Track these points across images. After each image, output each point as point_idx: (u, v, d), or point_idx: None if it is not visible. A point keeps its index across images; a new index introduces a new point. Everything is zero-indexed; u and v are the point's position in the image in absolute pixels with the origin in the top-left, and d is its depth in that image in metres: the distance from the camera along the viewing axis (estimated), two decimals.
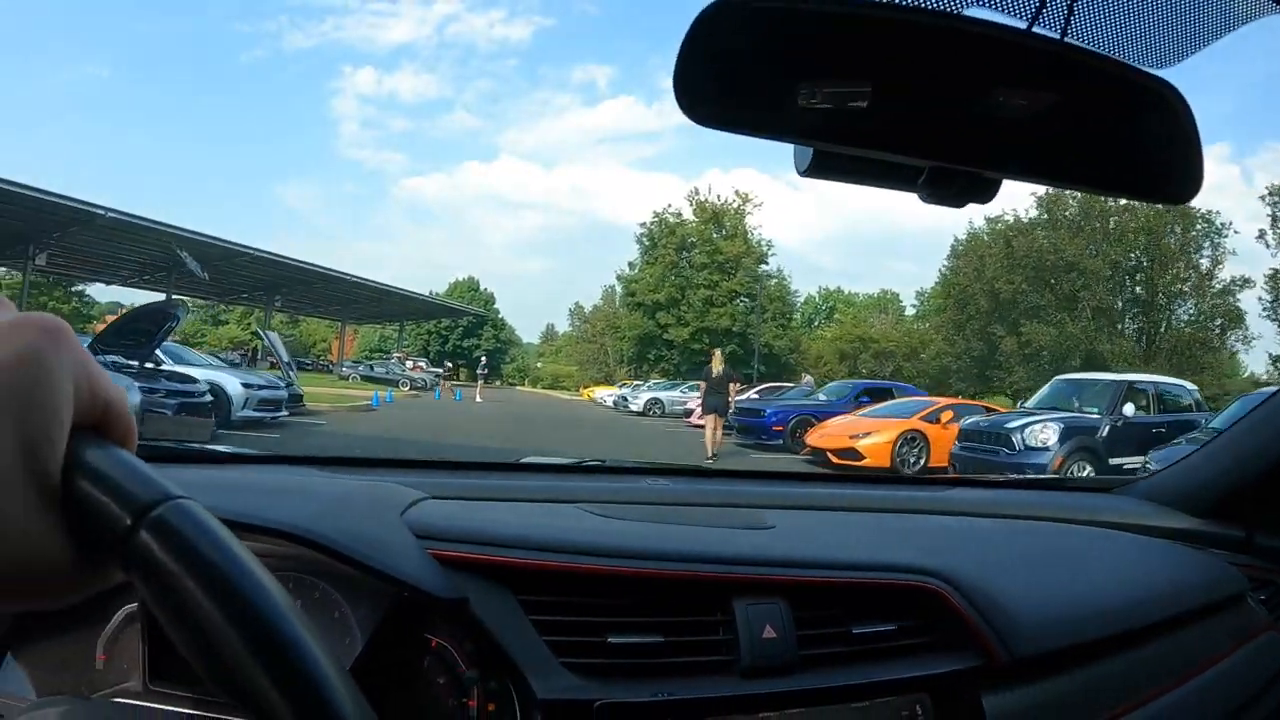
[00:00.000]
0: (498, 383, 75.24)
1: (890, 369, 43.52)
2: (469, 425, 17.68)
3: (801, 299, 61.47)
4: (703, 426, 17.99)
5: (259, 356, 45.02)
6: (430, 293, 62.33)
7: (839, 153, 0.75)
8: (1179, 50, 0.73)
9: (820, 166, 0.76)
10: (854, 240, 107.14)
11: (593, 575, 0.92)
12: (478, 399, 30.37)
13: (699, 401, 21.75)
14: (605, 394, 38.95)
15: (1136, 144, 0.74)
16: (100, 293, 58.93)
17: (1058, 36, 0.69)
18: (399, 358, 47.61)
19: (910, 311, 65.54)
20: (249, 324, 55.82)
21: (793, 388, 23.18)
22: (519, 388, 73.66)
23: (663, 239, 53.57)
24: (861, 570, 1.00)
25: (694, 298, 50.79)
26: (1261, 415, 1.39)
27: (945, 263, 43.60)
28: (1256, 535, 1.39)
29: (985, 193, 0.76)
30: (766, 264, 51.07)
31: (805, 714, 0.86)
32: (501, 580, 0.90)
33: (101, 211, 26.56)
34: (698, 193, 54.47)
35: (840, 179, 0.79)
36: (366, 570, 0.84)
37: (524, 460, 1.68)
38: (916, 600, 1.00)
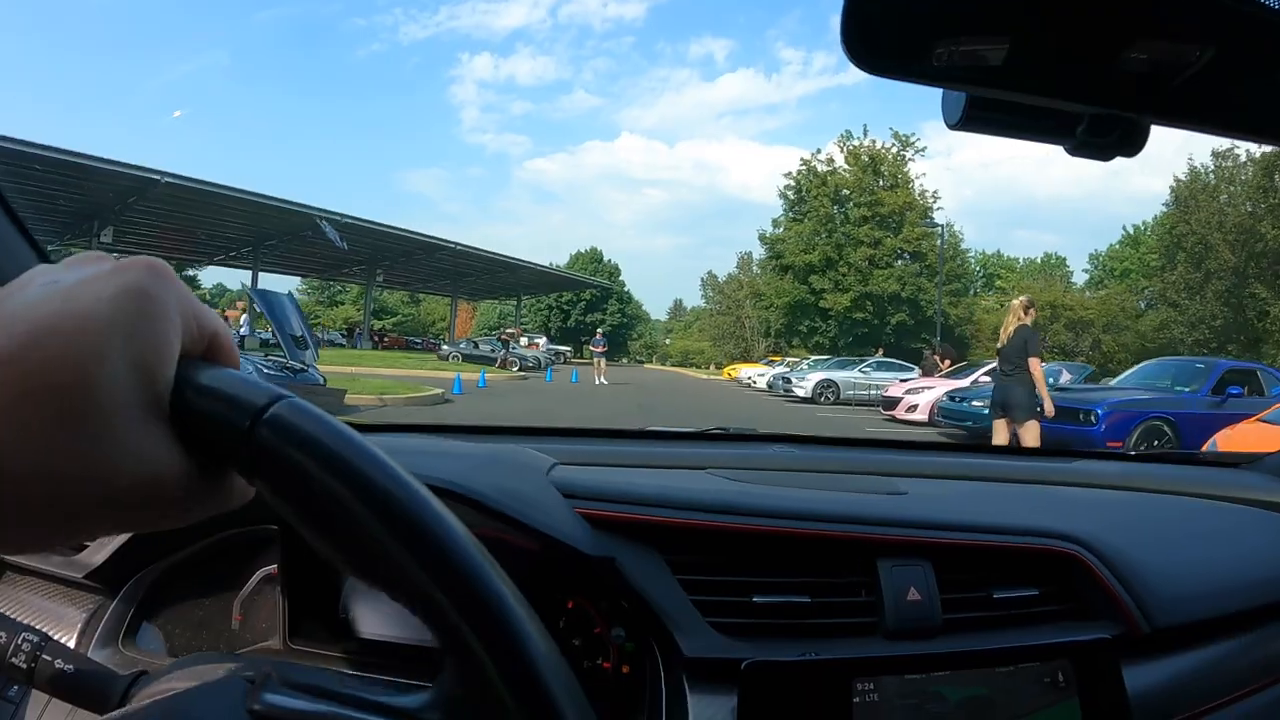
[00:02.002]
0: (624, 360, 71.24)
1: (1088, 341, 39.50)
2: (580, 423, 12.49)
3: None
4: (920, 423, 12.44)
5: (358, 334, 41.25)
6: (550, 264, 57.87)
7: (994, 99, 0.77)
8: None
9: (972, 118, 0.78)
10: (984, 211, 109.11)
11: (738, 534, 0.99)
12: (598, 380, 25.65)
13: (905, 387, 15.85)
14: (754, 373, 33.51)
15: None
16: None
17: None
18: (511, 335, 43.36)
19: (1082, 277, 61.48)
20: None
21: (994, 365, 16.83)
22: (646, 365, 70.47)
23: (812, 190, 46.77)
24: (1002, 534, 1.05)
25: (854, 257, 43.85)
26: None
27: (1162, 208, 38.70)
28: None
29: (1137, 142, 0.77)
30: (931, 219, 43.37)
31: (950, 677, 0.90)
32: (647, 539, 0.97)
33: (158, 178, 26.07)
34: (850, 135, 47.22)
35: (992, 131, 0.81)
36: (520, 527, 0.91)
37: (650, 429, 1.73)
38: (1056, 566, 1.05)
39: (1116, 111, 0.75)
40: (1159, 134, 0.77)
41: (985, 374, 16.20)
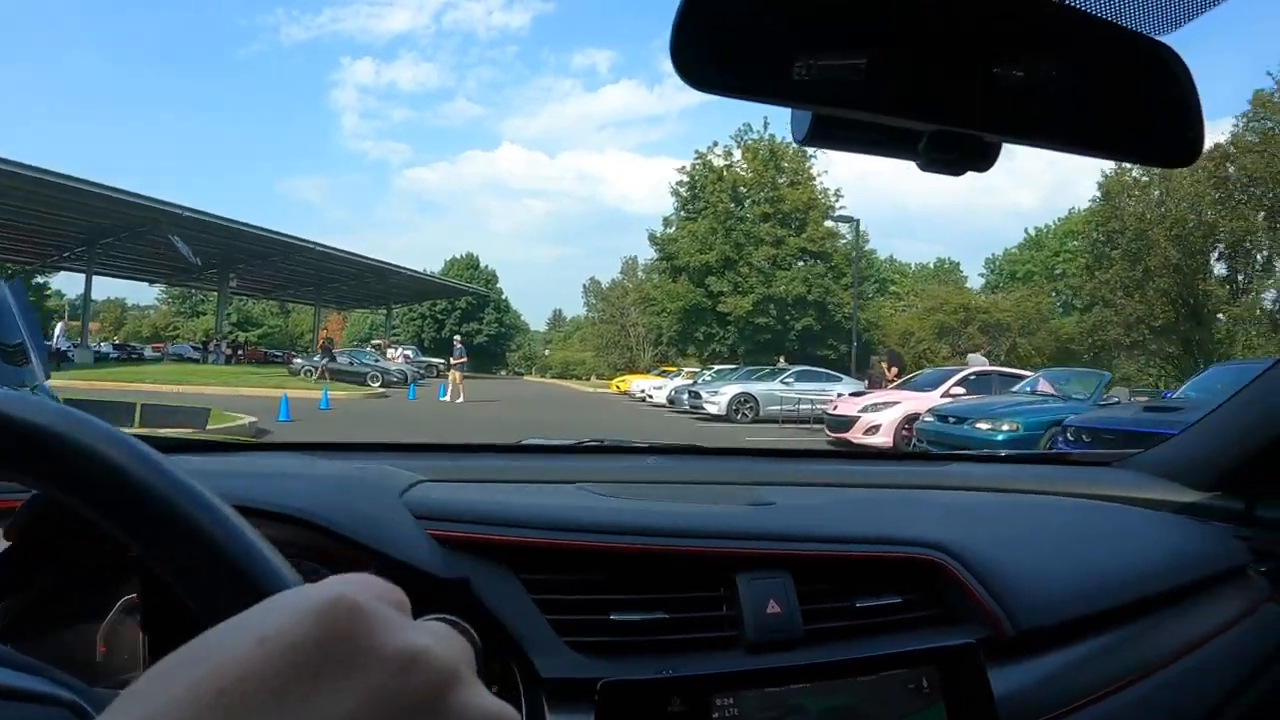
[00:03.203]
0: (502, 372, 68.45)
1: (1006, 346, 39.54)
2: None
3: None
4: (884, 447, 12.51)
5: (214, 347, 37.03)
6: (424, 270, 54.65)
7: (838, 118, 0.81)
8: (1180, 15, 0.79)
9: (819, 134, 0.81)
10: (862, 220, 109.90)
11: (594, 552, 1.01)
12: (460, 397, 24.59)
13: (859, 404, 13.54)
14: (648, 385, 31.67)
15: (1137, 107, 0.81)
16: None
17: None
18: (377, 346, 39.78)
19: (978, 281, 64.28)
20: (230, 314, 48.36)
21: (966, 373, 15.42)
22: (526, 377, 71.58)
23: (708, 186, 45.15)
24: (863, 544, 1.09)
25: (755, 257, 42.29)
26: (1262, 386, 1.46)
27: (1089, 204, 39.12)
28: (1257, 507, 1.45)
29: (985, 159, 0.82)
30: (833, 221, 42.48)
31: (811, 688, 0.92)
32: (502, 560, 0.98)
33: None
34: (750, 129, 45.59)
35: (839, 147, 0.84)
36: (363, 550, 0.92)
37: (523, 442, 1.72)
38: (919, 574, 1.10)
39: (954, 129, 0.77)
40: (1028, 152, 0.83)
41: (957, 384, 14.02)
